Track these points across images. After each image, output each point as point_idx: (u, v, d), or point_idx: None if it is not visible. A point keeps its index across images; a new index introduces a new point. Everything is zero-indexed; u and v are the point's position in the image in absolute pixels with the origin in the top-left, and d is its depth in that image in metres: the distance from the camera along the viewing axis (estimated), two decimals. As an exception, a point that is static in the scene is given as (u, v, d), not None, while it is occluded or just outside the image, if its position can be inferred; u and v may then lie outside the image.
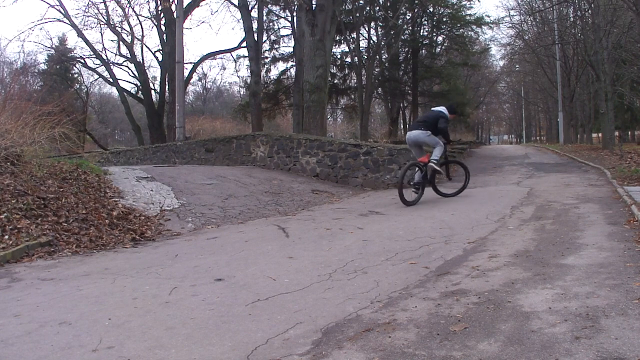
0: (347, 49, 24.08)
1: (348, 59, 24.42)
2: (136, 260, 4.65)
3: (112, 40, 37.60)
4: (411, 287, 3.49)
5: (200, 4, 24.36)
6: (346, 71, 24.51)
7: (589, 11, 18.87)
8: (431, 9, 24.50)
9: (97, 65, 27.51)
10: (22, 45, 55.63)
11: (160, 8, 23.87)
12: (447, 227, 5.63)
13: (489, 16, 35.43)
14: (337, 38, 21.62)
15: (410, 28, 25.36)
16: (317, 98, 14.08)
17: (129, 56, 26.61)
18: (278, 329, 2.81)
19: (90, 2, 23.87)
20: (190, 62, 26.21)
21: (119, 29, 25.65)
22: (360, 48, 24.18)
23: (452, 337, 2.58)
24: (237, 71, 78.10)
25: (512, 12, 34.89)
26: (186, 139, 14.85)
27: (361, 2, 22.74)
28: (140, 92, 26.72)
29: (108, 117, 44.55)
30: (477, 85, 40.34)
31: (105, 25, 25.01)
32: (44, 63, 29.80)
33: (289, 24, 23.06)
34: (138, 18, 26.77)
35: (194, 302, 3.31)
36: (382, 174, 10.06)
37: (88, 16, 24.15)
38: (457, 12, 23.67)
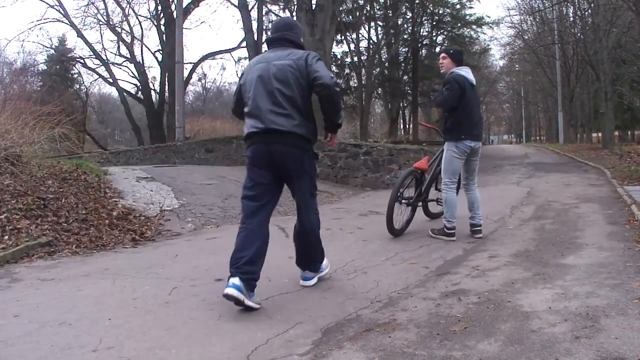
0: (347, 49, 24.09)
1: (348, 59, 24.43)
2: (136, 260, 4.65)
3: (111, 41, 37.50)
4: (411, 287, 3.49)
5: (200, 4, 24.40)
6: (346, 71, 24.51)
7: (589, 11, 18.88)
8: (431, 9, 24.50)
9: (97, 66, 27.51)
10: (22, 45, 55.51)
11: (159, 8, 23.88)
12: (447, 227, 5.62)
13: (489, 16, 35.44)
14: (337, 38, 21.60)
15: (410, 28, 25.37)
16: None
17: (129, 56, 26.62)
18: (278, 329, 2.81)
19: (89, 2, 23.85)
20: (190, 62, 26.25)
21: (119, 29, 25.67)
22: (360, 48, 24.19)
23: (452, 337, 2.58)
24: (237, 71, 78.08)
25: (512, 12, 34.97)
26: (186, 139, 14.85)
27: (361, 2, 22.73)
28: (140, 92, 26.71)
29: (108, 118, 44.53)
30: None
31: (105, 26, 25.04)
32: (43, 63, 29.79)
33: (288, 24, 23.02)
34: (137, 18, 26.77)
35: (194, 302, 3.31)
36: (382, 174, 10.06)
37: (87, 16, 24.22)
38: (457, 12, 23.69)
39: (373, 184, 10.07)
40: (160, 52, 25.06)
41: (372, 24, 25.56)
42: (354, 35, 23.03)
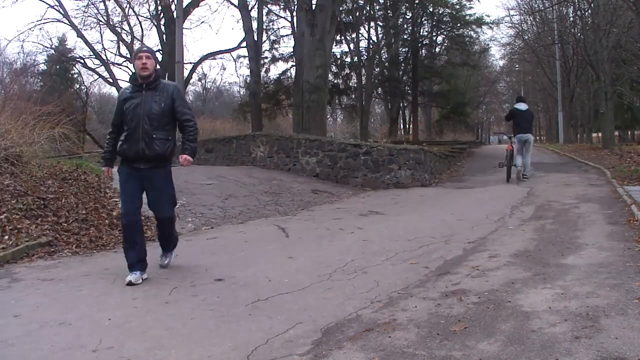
0: (347, 49, 24.07)
1: (348, 59, 24.41)
2: (136, 260, 4.64)
3: (111, 41, 37.34)
4: (411, 287, 3.50)
5: (200, 4, 24.37)
6: (346, 71, 24.49)
7: (589, 11, 18.86)
8: (431, 9, 24.48)
9: (97, 66, 27.48)
10: (22, 45, 55.45)
11: (159, 8, 23.87)
12: (447, 227, 5.63)
13: (489, 16, 35.44)
14: (337, 38, 21.59)
15: (410, 28, 25.33)
16: (317, 98, 14.07)
17: (129, 56, 26.58)
18: (278, 329, 2.81)
19: (89, 2, 23.84)
20: (190, 62, 26.18)
21: (119, 29, 25.66)
22: (360, 48, 24.17)
23: (452, 337, 2.58)
24: (237, 71, 78.08)
25: (512, 12, 34.96)
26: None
27: (361, 2, 22.71)
28: (140, 92, 26.60)
29: (108, 117, 44.37)
30: (477, 85, 40.30)
31: (105, 26, 25.02)
32: (43, 63, 29.73)
33: (288, 24, 23.02)
34: (137, 18, 26.66)
35: (194, 302, 3.31)
36: (382, 174, 10.05)
37: (87, 16, 24.15)
38: (457, 12, 23.65)
39: (373, 184, 10.06)
40: (160, 52, 25.02)
41: (372, 24, 25.53)
42: (354, 35, 23.02)
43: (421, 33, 25.98)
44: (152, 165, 3.90)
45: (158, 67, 4.09)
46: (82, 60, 28.08)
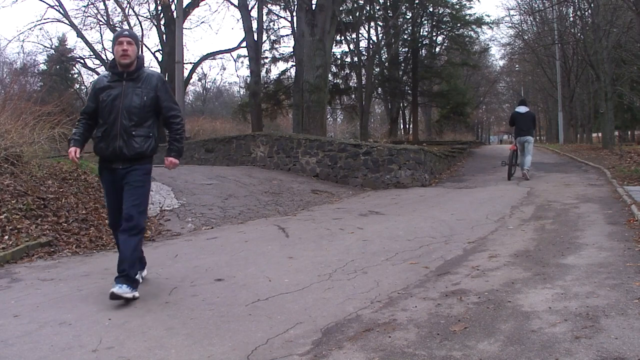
0: (347, 49, 24.09)
1: (348, 59, 24.42)
2: (136, 260, 4.64)
3: (111, 40, 37.50)
4: (411, 287, 3.50)
5: (200, 4, 24.38)
6: (347, 71, 24.50)
7: (589, 11, 18.87)
8: (431, 9, 24.50)
9: (97, 66, 27.48)
10: (22, 45, 55.54)
11: (159, 8, 23.87)
12: (447, 227, 5.63)
13: (489, 16, 35.52)
14: (337, 38, 21.61)
15: (410, 28, 25.35)
16: (317, 98, 14.07)
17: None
18: (278, 329, 2.81)
19: (89, 2, 23.85)
20: (190, 62, 26.19)
21: (119, 29, 25.64)
22: (360, 48, 24.19)
23: (452, 337, 2.58)
24: (237, 71, 78.08)
25: (512, 12, 35.01)
26: (186, 139, 14.85)
27: (361, 1, 22.72)
28: (139, 92, 26.60)
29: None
30: (477, 85, 40.31)
31: (105, 26, 25.03)
32: (43, 63, 29.80)
33: (288, 24, 23.04)
34: (137, 18, 26.65)
35: (194, 302, 3.31)
36: (382, 174, 10.06)
37: (87, 16, 24.15)
38: (457, 12, 23.68)
39: (373, 184, 10.07)
40: (160, 52, 25.05)
41: (372, 24, 25.56)
42: (354, 35, 23.04)
43: (421, 33, 25.99)
44: (130, 164, 3.48)
45: (141, 53, 3.65)
46: (82, 60, 28.14)
